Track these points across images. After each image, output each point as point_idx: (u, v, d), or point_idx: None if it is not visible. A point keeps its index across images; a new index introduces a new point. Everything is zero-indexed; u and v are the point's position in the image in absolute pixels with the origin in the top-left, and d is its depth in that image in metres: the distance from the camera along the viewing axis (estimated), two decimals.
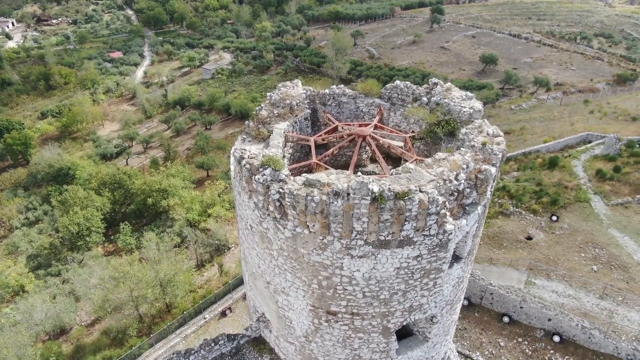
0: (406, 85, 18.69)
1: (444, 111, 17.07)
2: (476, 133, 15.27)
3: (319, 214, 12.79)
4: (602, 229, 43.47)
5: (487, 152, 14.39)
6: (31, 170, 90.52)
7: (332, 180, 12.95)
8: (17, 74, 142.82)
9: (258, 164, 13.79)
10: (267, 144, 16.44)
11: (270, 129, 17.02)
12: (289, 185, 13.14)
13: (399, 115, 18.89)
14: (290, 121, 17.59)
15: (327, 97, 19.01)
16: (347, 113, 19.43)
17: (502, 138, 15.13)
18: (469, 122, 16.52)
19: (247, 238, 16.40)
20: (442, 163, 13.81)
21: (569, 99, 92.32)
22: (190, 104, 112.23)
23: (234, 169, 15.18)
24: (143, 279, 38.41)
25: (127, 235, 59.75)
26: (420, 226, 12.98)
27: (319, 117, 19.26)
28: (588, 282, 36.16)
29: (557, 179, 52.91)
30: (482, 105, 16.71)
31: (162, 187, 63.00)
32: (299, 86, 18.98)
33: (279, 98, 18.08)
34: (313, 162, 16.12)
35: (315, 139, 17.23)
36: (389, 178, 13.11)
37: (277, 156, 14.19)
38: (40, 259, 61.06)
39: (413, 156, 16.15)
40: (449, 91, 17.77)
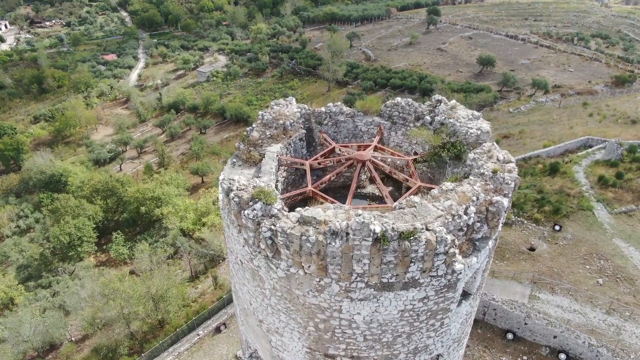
0: (408, 103, 17.46)
1: (449, 132, 15.86)
2: (485, 159, 14.06)
3: (315, 255, 11.56)
4: (607, 238, 42.38)
5: (498, 181, 13.18)
6: (23, 177, 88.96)
7: (329, 217, 11.71)
8: (10, 77, 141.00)
9: (248, 198, 12.53)
10: (259, 169, 15.20)
11: (262, 152, 15.77)
12: (282, 222, 11.89)
13: (401, 135, 17.67)
14: (284, 143, 16.35)
15: (323, 116, 17.76)
16: (344, 132, 18.20)
17: (514, 164, 13.93)
18: (476, 144, 15.31)
19: (237, 272, 15.15)
20: (450, 195, 12.59)
21: (567, 102, 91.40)
22: (185, 107, 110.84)
23: (222, 199, 13.92)
24: (134, 295, 37.09)
25: (119, 245, 58.34)
26: (427, 267, 11.78)
27: (315, 137, 18.02)
28: (594, 297, 35.06)
29: (559, 185, 51.81)
30: (489, 126, 15.51)
31: (155, 195, 61.65)
32: (293, 104, 17.72)
33: (272, 118, 16.81)
34: (308, 190, 14.88)
35: (310, 163, 15.99)
36: (393, 214, 11.89)
37: (269, 187, 12.93)
38: (31, 270, 59.58)
39: (417, 182, 14.93)
40: (454, 110, 16.55)
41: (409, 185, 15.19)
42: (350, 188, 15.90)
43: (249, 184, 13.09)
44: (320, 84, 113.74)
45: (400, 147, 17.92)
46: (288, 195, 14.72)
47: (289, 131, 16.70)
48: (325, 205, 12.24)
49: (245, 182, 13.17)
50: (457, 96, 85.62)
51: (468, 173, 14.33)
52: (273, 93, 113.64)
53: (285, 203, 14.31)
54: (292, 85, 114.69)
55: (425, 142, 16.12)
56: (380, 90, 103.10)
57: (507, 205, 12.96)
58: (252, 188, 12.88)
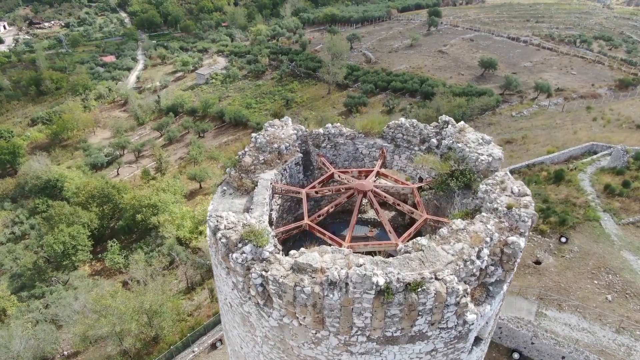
0: (412, 124, 16.21)
1: (458, 158, 14.63)
2: (498, 191, 12.83)
3: (310, 306, 10.34)
4: (614, 251, 41.14)
5: (513, 218, 11.95)
6: (19, 181, 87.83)
7: (326, 263, 10.48)
8: (8, 78, 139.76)
9: (237, 239, 11.30)
10: (251, 198, 13.97)
11: (255, 180, 14.54)
12: (274, 270, 10.66)
13: (404, 159, 16.43)
14: (279, 169, 15.11)
15: (321, 138, 16.54)
16: (344, 156, 16.96)
17: (530, 198, 12.72)
18: (487, 172, 14.08)
19: (227, 314, 13.93)
20: (461, 235, 11.36)
21: (570, 105, 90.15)
22: (184, 110, 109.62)
23: (209, 236, 12.68)
24: (126, 312, 35.88)
25: (114, 254, 57.09)
26: (435, 320, 10.57)
27: (313, 161, 16.78)
28: (603, 314, 33.85)
29: (564, 195, 50.58)
30: (501, 152, 14.27)
31: (151, 202, 60.41)
32: (289, 125, 16.48)
33: (266, 141, 15.59)
34: (305, 224, 13.65)
35: (307, 192, 14.76)
36: (398, 259, 10.66)
37: (260, 225, 11.71)
38: (24, 279, 58.36)
39: (423, 215, 13.70)
40: (463, 133, 15.32)
41: (414, 217, 13.94)
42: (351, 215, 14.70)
43: (239, 221, 11.86)
44: (320, 86, 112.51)
45: (404, 171, 16.70)
46: (283, 229, 13.50)
47: (284, 155, 15.47)
48: (322, 249, 11.01)
49: (234, 219, 11.93)
50: (459, 100, 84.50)
51: (479, 206, 13.11)
52: (272, 96, 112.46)
53: (279, 238, 13.10)
54: (292, 88, 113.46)
55: (432, 169, 14.89)
56: (380, 94, 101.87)
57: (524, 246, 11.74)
58: (241, 227, 11.65)
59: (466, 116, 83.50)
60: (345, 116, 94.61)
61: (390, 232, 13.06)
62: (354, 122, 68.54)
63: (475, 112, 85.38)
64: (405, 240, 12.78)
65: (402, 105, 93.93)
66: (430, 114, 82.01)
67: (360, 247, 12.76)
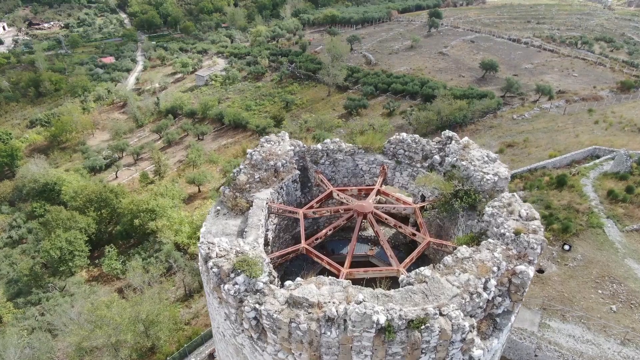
0: (414, 140, 15.59)
1: (462, 176, 13.99)
2: (505, 214, 12.19)
3: (307, 343, 9.72)
4: (618, 259, 40.44)
5: (522, 245, 11.33)
6: (17, 184, 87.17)
7: (324, 296, 9.85)
8: (7, 80, 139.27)
9: (229, 269, 10.68)
10: (246, 219, 13.35)
11: (250, 199, 13.91)
12: (268, 304, 10.03)
13: (406, 176, 15.80)
14: (275, 187, 14.49)
15: (319, 154, 15.90)
16: (343, 172, 16.32)
17: (539, 222, 12.08)
18: (493, 192, 13.45)
19: (220, 342, 13.30)
20: (467, 264, 10.72)
21: (572, 108, 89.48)
22: (183, 112, 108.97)
23: (201, 262, 12.06)
24: (122, 323, 35.26)
25: (112, 260, 56.44)
26: (440, 357, 9.93)
27: (310, 177, 16.15)
28: (608, 325, 33.17)
29: (567, 200, 49.84)
30: (508, 171, 13.64)
31: (149, 207, 59.77)
32: (286, 140, 15.85)
33: (262, 158, 14.95)
34: (302, 247, 13.02)
35: (304, 212, 14.12)
36: (400, 293, 10.03)
37: (254, 253, 11.07)
38: (20, 285, 57.73)
39: (426, 237, 13.06)
40: (467, 150, 14.68)
41: (416, 240, 13.30)
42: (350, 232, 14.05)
43: (231, 248, 11.23)
44: (320, 88, 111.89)
45: (405, 188, 16.07)
46: (278, 254, 12.86)
47: (280, 173, 14.84)
48: (320, 280, 10.38)
49: (226, 246, 11.31)
50: (460, 103, 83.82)
51: (485, 229, 12.48)
52: (272, 98, 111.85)
53: (275, 263, 12.46)
54: (292, 90, 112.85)
55: (435, 188, 14.26)
56: (381, 96, 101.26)
57: (532, 275, 11.11)
58: (234, 255, 11.02)
59: (467, 119, 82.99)
60: (346, 119, 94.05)
61: (391, 257, 12.43)
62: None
63: (476, 115, 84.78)
64: (407, 265, 12.13)
65: (402, 108, 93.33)
66: (431, 117, 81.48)
67: (360, 273, 12.12)
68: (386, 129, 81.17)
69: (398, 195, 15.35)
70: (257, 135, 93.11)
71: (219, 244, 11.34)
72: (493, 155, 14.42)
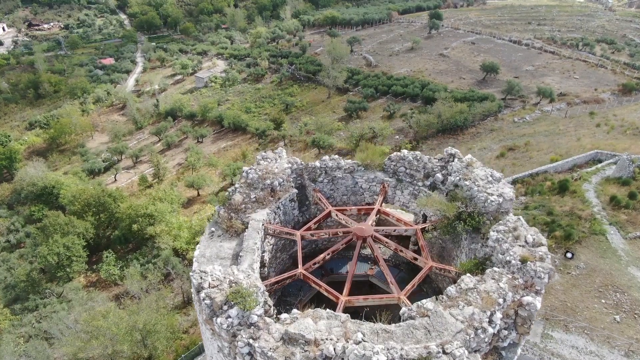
0: (415, 157, 15.09)
1: (465, 197, 13.50)
2: (511, 240, 11.69)
3: None
4: (621, 267, 40.01)
5: (528, 274, 10.83)
6: (15, 187, 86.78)
7: (321, 332, 9.36)
8: (6, 81, 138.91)
9: (221, 301, 10.19)
10: (241, 241, 12.87)
11: (245, 220, 13.43)
12: (262, 341, 9.54)
13: (407, 195, 15.30)
14: (272, 207, 14.01)
15: (317, 172, 15.41)
16: (342, 190, 15.83)
17: (546, 248, 11.59)
18: (498, 213, 12.95)
19: None
20: (471, 296, 10.23)
21: (573, 111, 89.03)
22: (182, 114, 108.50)
23: (193, 292, 11.57)
24: (119, 333, 34.82)
25: (110, 265, 55.98)
26: None
27: (308, 195, 15.66)
28: (611, 336, 32.73)
29: (569, 207, 49.39)
30: (513, 192, 13.15)
31: (148, 212, 59.32)
32: (283, 157, 15.36)
33: (258, 177, 14.46)
34: (299, 273, 12.54)
35: (302, 234, 13.64)
36: (401, 328, 9.54)
37: (248, 282, 10.58)
38: (18, 290, 57.24)
39: (428, 262, 12.58)
40: (470, 169, 14.18)
41: (418, 265, 12.81)
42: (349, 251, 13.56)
43: (225, 277, 10.75)
44: (320, 90, 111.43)
45: (406, 207, 15.58)
46: (275, 280, 12.38)
47: (277, 192, 14.36)
48: (317, 313, 9.89)
49: (220, 275, 10.82)
50: (461, 106, 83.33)
51: (489, 255, 11.99)
52: (272, 100, 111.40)
53: (271, 290, 11.98)
54: (292, 92, 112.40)
55: (438, 209, 13.77)
56: (381, 98, 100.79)
57: (540, 307, 10.63)
58: (227, 285, 10.53)
59: (468, 122, 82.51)
60: (346, 121, 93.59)
61: (392, 283, 11.94)
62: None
63: (477, 118, 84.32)
64: (409, 292, 11.64)
65: (403, 111, 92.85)
66: (431, 120, 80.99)
67: (359, 301, 11.64)
68: (386, 133, 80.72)
69: (399, 216, 14.86)
70: (256, 138, 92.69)
71: (211, 273, 10.87)
72: (497, 175, 13.93)
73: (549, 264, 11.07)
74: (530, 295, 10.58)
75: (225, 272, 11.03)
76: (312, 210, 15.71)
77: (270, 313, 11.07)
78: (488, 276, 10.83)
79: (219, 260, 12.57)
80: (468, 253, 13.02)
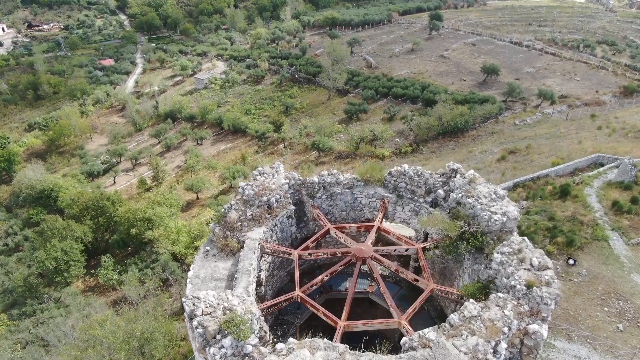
0: (417, 173, 14.69)
1: (467, 215, 13.09)
2: (516, 263, 11.29)
3: None
4: (624, 274, 39.53)
5: (534, 300, 10.42)
6: (14, 190, 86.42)
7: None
8: (6, 82, 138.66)
9: (215, 330, 9.77)
10: (237, 261, 12.46)
11: (241, 239, 13.02)
12: None
13: (408, 211, 14.89)
14: (269, 225, 13.60)
15: (316, 188, 15.02)
16: (341, 205, 15.44)
17: (552, 272, 11.19)
18: (502, 233, 12.55)
19: None
20: (474, 325, 9.82)
21: (575, 113, 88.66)
22: (182, 116, 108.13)
23: (186, 319, 11.15)
24: (116, 342, 34.41)
25: (108, 270, 55.57)
26: None
27: (306, 211, 15.26)
28: (615, 346, 32.27)
29: (571, 212, 48.91)
30: (517, 211, 12.73)
31: (146, 216, 58.88)
32: (281, 172, 14.96)
33: (254, 193, 14.06)
34: (296, 295, 12.13)
35: (299, 253, 13.24)
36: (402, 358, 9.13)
37: (244, 306, 10.17)
38: (15, 295, 56.86)
39: (429, 284, 12.18)
40: (473, 185, 13.78)
41: (419, 287, 12.40)
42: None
43: (219, 304, 10.32)
44: (320, 92, 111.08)
45: (407, 223, 15.16)
46: (271, 303, 11.97)
47: (274, 209, 13.97)
48: (314, 344, 9.48)
49: (213, 301, 10.41)
50: (461, 108, 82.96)
51: (493, 277, 11.57)
52: (272, 101, 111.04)
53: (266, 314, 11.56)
54: (292, 94, 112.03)
55: (440, 229, 13.35)
56: (381, 100, 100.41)
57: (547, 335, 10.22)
58: (221, 312, 10.12)
59: (468, 125, 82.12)
60: (346, 124, 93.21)
61: (392, 307, 11.53)
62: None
63: (477, 121, 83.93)
64: (410, 316, 11.22)
65: (403, 113, 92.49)
66: (432, 123, 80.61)
67: (359, 326, 11.23)
68: (387, 136, 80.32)
69: (399, 233, 14.45)
70: (256, 140, 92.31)
71: (204, 299, 10.45)
72: (501, 192, 13.52)
73: (555, 289, 10.67)
74: (537, 322, 10.18)
75: (219, 297, 10.62)
76: (311, 226, 15.31)
77: (265, 339, 10.68)
78: (492, 303, 10.42)
79: (213, 281, 12.18)
80: (471, 274, 12.62)
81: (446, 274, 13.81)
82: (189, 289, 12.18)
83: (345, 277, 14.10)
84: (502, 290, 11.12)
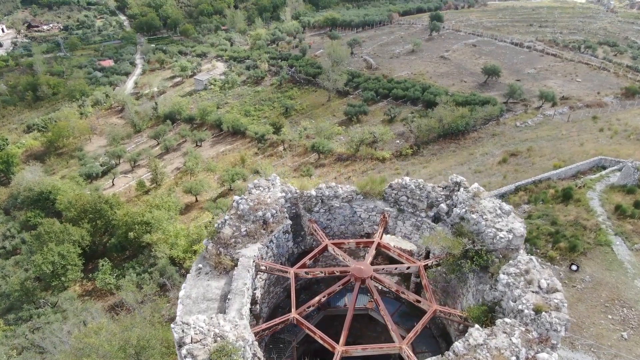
0: (418, 186, 14.11)
1: (471, 231, 12.52)
2: (523, 285, 10.72)
3: None
4: (628, 280, 38.98)
5: (543, 326, 9.85)
6: (12, 192, 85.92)
7: None
8: (5, 83, 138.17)
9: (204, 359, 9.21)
10: (230, 280, 11.90)
11: (235, 257, 12.46)
12: None
13: (410, 226, 14.32)
14: (264, 241, 13.03)
15: (313, 201, 14.43)
16: (340, 219, 14.86)
17: (562, 295, 10.62)
18: (507, 251, 11.98)
19: None
20: (480, 354, 9.25)
21: (576, 115, 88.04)
22: (181, 117, 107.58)
23: (176, 347, 10.59)
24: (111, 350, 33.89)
25: (106, 274, 55.04)
26: None
27: (304, 225, 14.69)
28: (619, 355, 31.73)
29: (574, 216, 48.32)
30: (524, 228, 12.15)
31: (144, 219, 58.36)
32: (277, 186, 14.38)
33: (249, 207, 13.49)
34: (292, 317, 11.58)
35: (296, 272, 12.68)
36: None
37: (236, 332, 9.61)
38: (12, 299, 56.34)
39: (432, 305, 11.61)
40: (477, 200, 13.20)
41: (421, 307, 11.84)
42: None
43: (209, 330, 9.76)
44: (320, 93, 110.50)
45: (408, 238, 14.60)
46: (266, 326, 11.41)
47: (270, 225, 13.38)
48: None
49: (203, 327, 9.84)
50: (462, 109, 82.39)
51: (499, 299, 11.01)
52: (272, 103, 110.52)
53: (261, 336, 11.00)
54: (291, 95, 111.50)
55: (443, 246, 12.79)
56: (381, 101, 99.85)
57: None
58: (212, 339, 9.56)
59: (469, 127, 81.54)
60: (346, 125, 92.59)
61: (393, 331, 10.98)
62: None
63: (478, 122, 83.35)
64: (411, 340, 10.66)
65: (403, 115, 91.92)
66: (432, 125, 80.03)
67: (358, 351, 10.67)
68: (387, 137, 79.78)
69: (400, 250, 13.89)
70: (255, 142, 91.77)
71: (194, 324, 9.89)
72: (506, 208, 12.96)
73: (565, 315, 10.11)
74: (546, 350, 9.63)
75: (209, 322, 10.06)
76: (308, 240, 14.75)
77: None
78: (499, 329, 9.87)
79: (205, 302, 11.64)
80: (475, 294, 12.05)
81: (449, 291, 13.25)
82: (180, 310, 11.62)
83: (344, 292, 13.55)
84: (508, 314, 10.56)
